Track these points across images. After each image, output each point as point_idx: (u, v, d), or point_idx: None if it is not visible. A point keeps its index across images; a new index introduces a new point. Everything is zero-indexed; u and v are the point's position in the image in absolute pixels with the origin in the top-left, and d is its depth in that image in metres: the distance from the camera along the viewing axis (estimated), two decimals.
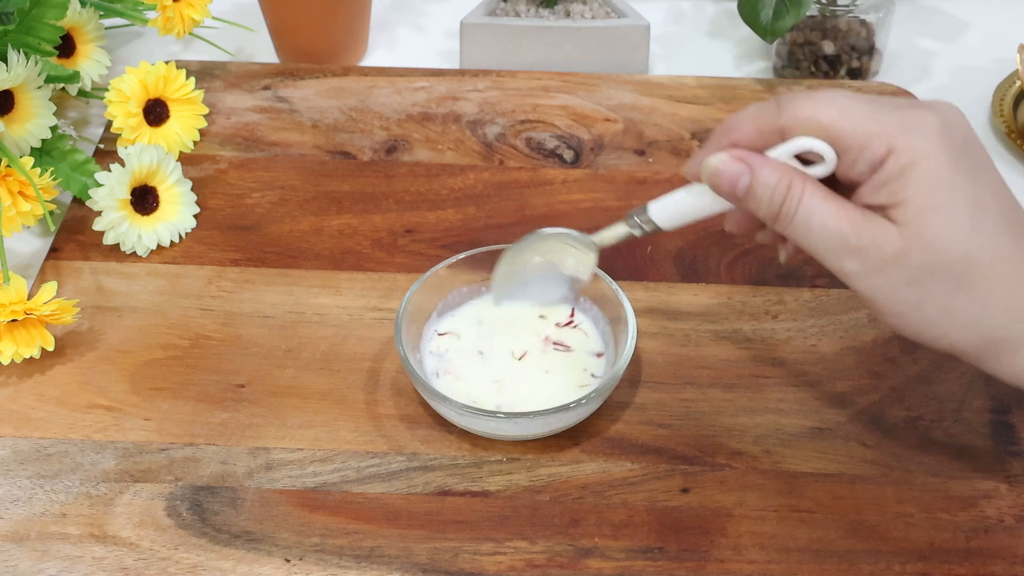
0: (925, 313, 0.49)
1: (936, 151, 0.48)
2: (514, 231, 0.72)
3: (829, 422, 0.61)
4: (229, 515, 0.57)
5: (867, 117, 0.49)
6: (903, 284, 0.48)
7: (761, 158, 0.51)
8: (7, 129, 0.69)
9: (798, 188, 0.49)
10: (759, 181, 0.50)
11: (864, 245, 0.48)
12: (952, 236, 0.47)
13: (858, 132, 0.48)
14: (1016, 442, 0.60)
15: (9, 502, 0.58)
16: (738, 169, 0.51)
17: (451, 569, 0.55)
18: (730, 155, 0.51)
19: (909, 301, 0.49)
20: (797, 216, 0.49)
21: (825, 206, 0.49)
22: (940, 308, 0.48)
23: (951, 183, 0.47)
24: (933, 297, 0.48)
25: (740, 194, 0.51)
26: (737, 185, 0.51)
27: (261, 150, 0.78)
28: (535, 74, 0.83)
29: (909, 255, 0.48)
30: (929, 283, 0.48)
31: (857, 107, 0.49)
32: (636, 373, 0.64)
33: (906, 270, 0.48)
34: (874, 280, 0.49)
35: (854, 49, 0.84)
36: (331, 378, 0.64)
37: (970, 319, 0.49)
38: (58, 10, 0.71)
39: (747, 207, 0.51)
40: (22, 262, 0.72)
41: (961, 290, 0.48)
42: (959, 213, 0.48)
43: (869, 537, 0.56)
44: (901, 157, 0.48)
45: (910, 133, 0.48)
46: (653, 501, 0.58)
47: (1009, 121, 0.81)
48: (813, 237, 0.49)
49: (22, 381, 0.64)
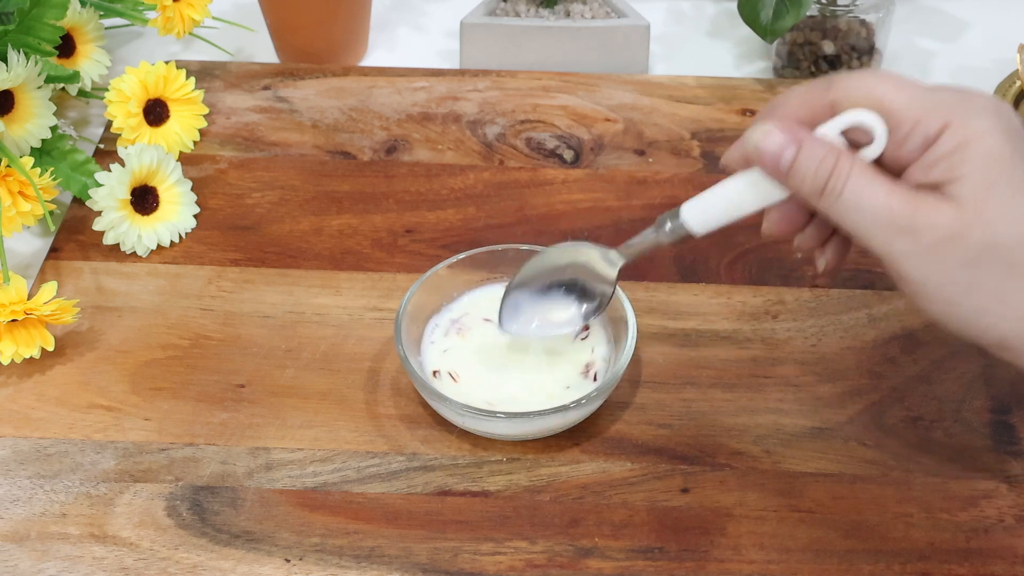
0: (978, 299, 0.46)
1: (994, 129, 0.45)
2: (514, 231, 0.72)
3: (829, 422, 0.61)
4: (229, 515, 0.57)
5: (922, 92, 0.47)
6: (958, 266, 0.46)
7: (808, 132, 0.48)
8: (7, 129, 0.69)
9: (846, 163, 0.47)
10: (805, 154, 0.47)
11: (918, 223, 0.45)
12: (1014, 216, 0.45)
13: (913, 105, 0.46)
14: (1016, 442, 0.60)
15: (9, 502, 0.58)
16: (784, 139, 0.48)
17: (451, 569, 0.55)
18: (776, 125, 0.48)
19: (963, 285, 0.46)
20: (845, 192, 0.47)
21: (875, 182, 0.46)
22: (994, 293, 0.46)
23: (1011, 162, 0.45)
24: (988, 281, 0.46)
25: (784, 168, 0.48)
26: (782, 158, 0.48)
27: (261, 150, 0.78)
28: (535, 74, 0.83)
29: (967, 233, 0.45)
30: (986, 265, 0.45)
31: (911, 83, 0.47)
32: (636, 373, 0.64)
33: (963, 250, 0.45)
34: (927, 262, 0.46)
35: (854, 49, 0.84)
36: (331, 378, 0.64)
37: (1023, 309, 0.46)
38: (58, 10, 0.71)
39: (791, 184, 0.48)
40: (22, 262, 0.72)
41: (1016, 278, 0.46)
42: (1019, 194, 0.45)
43: (869, 537, 0.56)
44: (958, 132, 0.45)
45: (967, 109, 0.46)
46: (653, 501, 0.58)
47: None
48: (861, 215, 0.47)
49: (22, 381, 0.64)
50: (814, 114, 0.49)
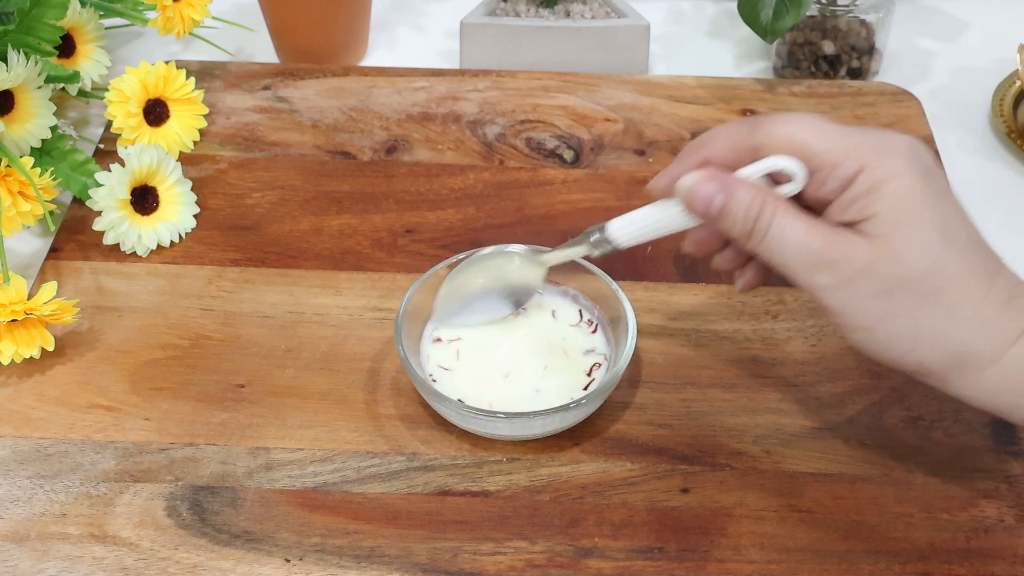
0: (893, 327, 0.49)
1: (906, 170, 0.49)
2: (514, 231, 0.72)
3: (829, 422, 0.61)
4: (229, 515, 0.57)
5: (839, 137, 0.50)
6: (872, 296, 0.49)
7: (734, 178, 0.52)
8: (7, 129, 0.69)
9: (771, 206, 0.50)
10: (734, 200, 0.51)
11: (835, 258, 0.49)
12: (922, 248, 0.48)
13: (831, 151, 0.50)
14: (1016, 442, 0.60)
15: (9, 502, 0.58)
16: (713, 188, 0.51)
17: (451, 569, 0.55)
18: (705, 174, 0.52)
19: (877, 314, 0.49)
20: (770, 233, 0.50)
21: (797, 223, 0.50)
22: (907, 321, 0.49)
23: (921, 201, 0.48)
24: (901, 310, 0.49)
25: (714, 213, 0.52)
26: (712, 204, 0.51)
27: (261, 150, 0.78)
28: (535, 74, 0.83)
29: (879, 266, 0.48)
30: (898, 295, 0.49)
31: (830, 128, 0.50)
32: (636, 373, 0.64)
33: (875, 281, 0.49)
34: (843, 293, 0.49)
35: (854, 49, 0.84)
36: (331, 378, 0.64)
37: (937, 333, 0.49)
38: (58, 10, 0.71)
39: (719, 226, 0.52)
40: (22, 262, 0.72)
41: (929, 304, 0.49)
42: (929, 228, 0.48)
43: (869, 537, 0.56)
44: (872, 174, 0.49)
45: (881, 153, 0.49)
46: (653, 501, 0.58)
47: (1009, 121, 0.81)
48: (785, 252, 0.50)
49: (22, 381, 0.64)
50: (737, 156, 0.52)
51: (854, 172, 0.49)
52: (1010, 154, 0.80)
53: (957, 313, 0.49)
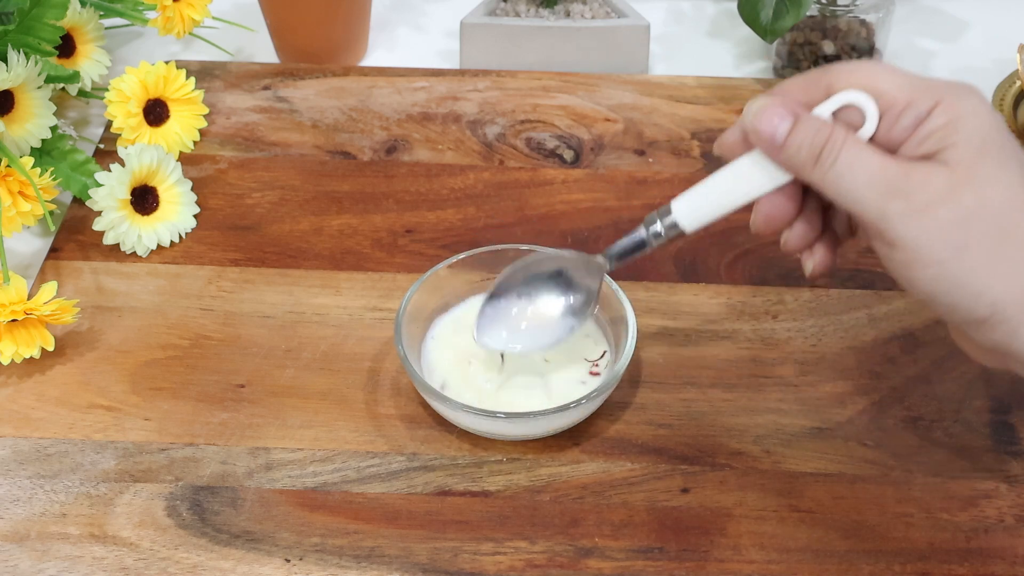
0: (968, 260, 0.46)
1: (985, 111, 0.47)
2: (514, 231, 0.72)
3: (829, 422, 0.61)
4: (229, 515, 0.57)
5: (913, 78, 0.49)
6: (949, 224, 0.46)
7: (804, 110, 0.50)
8: (7, 129, 0.69)
9: (840, 135, 0.48)
10: (801, 126, 0.49)
11: (911, 185, 0.47)
12: (1005, 181, 0.46)
13: (905, 88, 0.48)
14: (1016, 442, 0.60)
15: (9, 502, 0.58)
16: (780, 113, 0.49)
17: (451, 569, 0.55)
18: (773, 99, 0.50)
19: (953, 244, 0.46)
20: (839, 160, 0.48)
21: (868, 151, 0.48)
22: (985, 254, 0.46)
23: (1001, 140, 0.47)
24: (979, 241, 0.46)
25: (780, 139, 0.49)
26: (778, 130, 0.49)
27: (261, 150, 0.78)
28: (535, 74, 0.83)
29: (959, 192, 0.46)
30: (977, 226, 0.46)
31: (902, 71, 0.49)
32: (636, 373, 0.64)
33: (954, 209, 0.46)
34: (919, 221, 0.47)
35: (854, 49, 0.84)
36: (331, 378, 0.64)
37: (1017, 269, 0.46)
38: (58, 10, 0.71)
39: (785, 156, 0.49)
40: (22, 262, 0.72)
41: (1008, 238, 0.46)
42: (1011, 163, 0.47)
43: (869, 537, 0.56)
44: (949, 109, 0.47)
45: (957, 91, 0.48)
46: (653, 501, 0.58)
47: (1009, 121, 0.81)
48: (854, 181, 0.47)
49: (22, 381, 0.64)
50: (810, 98, 0.50)
51: (930, 107, 0.47)
52: None
53: None
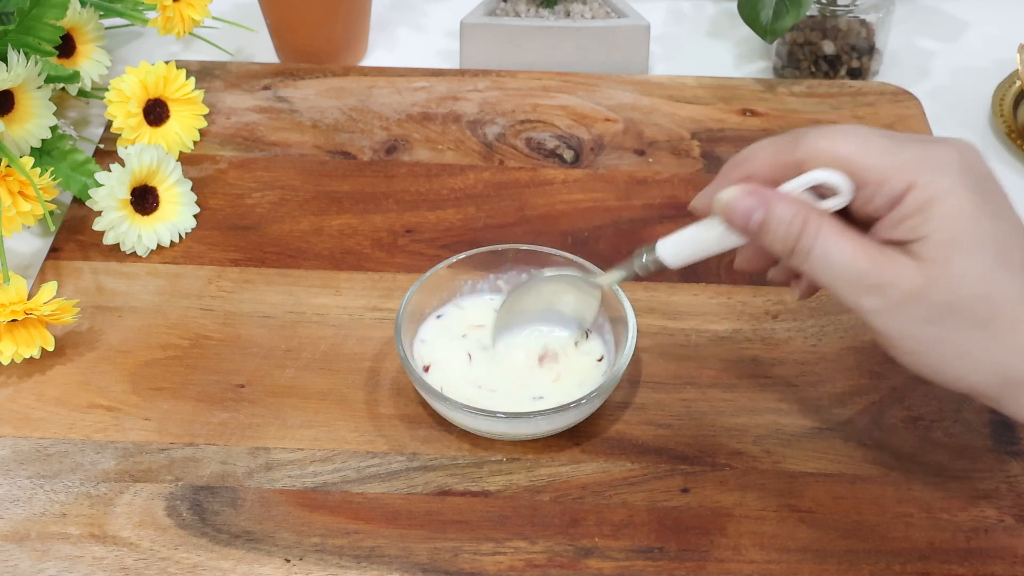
0: (943, 352, 0.47)
1: (959, 186, 0.46)
2: (514, 231, 0.72)
3: (829, 422, 0.61)
4: (229, 515, 0.57)
5: (887, 150, 0.48)
6: (922, 322, 0.47)
7: (775, 192, 0.49)
8: (7, 129, 0.69)
9: (814, 223, 0.48)
10: (774, 216, 0.49)
11: (883, 281, 0.47)
12: (976, 273, 0.46)
13: (878, 165, 0.47)
14: (1016, 442, 0.60)
15: (9, 502, 0.58)
16: (752, 203, 0.49)
17: (451, 569, 0.55)
18: (743, 189, 0.50)
19: (928, 340, 0.47)
20: (814, 252, 0.48)
21: (842, 241, 0.48)
22: (959, 348, 0.47)
23: (975, 220, 0.46)
24: (953, 336, 0.47)
25: (754, 229, 0.50)
26: (751, 220, 0.49)
27: (261, 150, 0.78)
28: (535, 74, 0.83)
29: (930, 291, 0.46)
30: (949, 321, 0.47)
31: (877, 140, 0.48)
32: (636, 373, 0.64)
33: (926, 307, 0.47)
34: (892, 317, 0.47)
35: (854, 49, 0.84)
36: (331, 378, 0.64)
37: (991, 360, 0.47)
38: (58, 10, 0.71)
39: (761, 243, 0.50)
40: (22, 262, 0.72)
41: (982, 329, 0.47)
42: (983, 252, 0.46)
43: (869, 537, 0.56)
44: (923, 192, 0.46)
45: (932, 168, 0.47)
46: (653, 501, 0.58)
47: (1009, 121, 0.81)
48: (830, 273, 0.48)
49: (22, 381, 0.64)
50: (780, 172, 0.50)
51: (903, 189, 0.47)
52: (1010, 154, 0.80)
53: (1011, 339, 0.47)
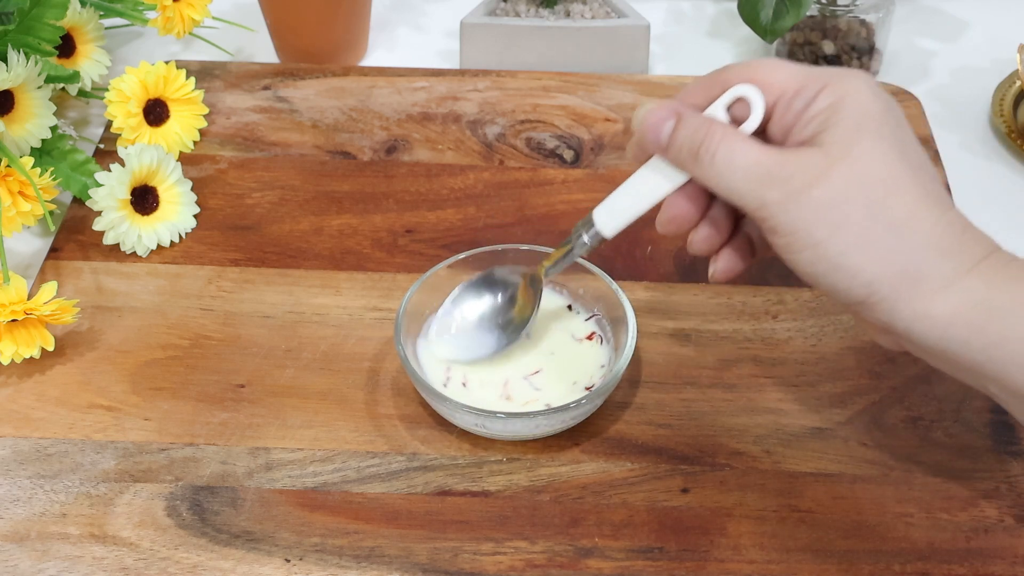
0: (843, 239, 0.47)
1: (868, 91, 0.49)
2: (514, 231, 0.72)
3: (829, 422, 0.61)
4: (229, 515, 0.57)
5: (806, 68, 0.51)
6: (823, 205, 0.47)
7: (687, 109, 0.52)
8: (7, 129, 0.69)
9: (719, 130, 0.50)
10: (683, 125, 0.51)
11: (787, 170, 0.48)
12: (880, 157, 0.48)
13: (796, 77, 0.50)
14: (1016, 442, 0.60)
15: (9, 502, 0.58)
16: (663, 114, 0.52)
17: (451, 569, 0.55)
18: (656, 103, 0.52)
19: (828, 224, 0.47)
20: (718, 154, 0.50)
21: (747, 144, 0.49)
22: (859, 234, 0.47)
23: (880, 117, 0.48)
24: (853, 220, 0.47)
25: (664, 140, 0.52)
26: (662, 131, 0.51)
27: (261, 150, 0.78)
28: (535, 74, 0.83)
29: (832, 172, 0.47)
30: (850, 205, 0.47)
31: (796, 64, 0.51)
32: (636, 373, 0.64)
33: (828, 188, 0.47)
34: (794, 206, 0.48)
35: (854, 49, 0.84)
36: (331, 378, 0.64)
37: (889, 248, 0.47)
38: (58, 10, 0.71)
39: (670, 155, 0.52)
40: (22, 262, 0.72)
41: (882, 216, 0.47)
42: (888, 141, 0.48)
43: (869, 537, 0.56)
44: (835, 90, 0.49)
45: (843, 76, 0.49)
46: (653, 501, 0.58)
47: (1009, 121, 0.81)
48: (733, 174, 0.49)
49: (22, 381, 0.64)
50: (709, 98, 0.53)
51: (816, 91, 0.49)
52: (1010, 154, 0.80)
53: (911, 229, 0.47)
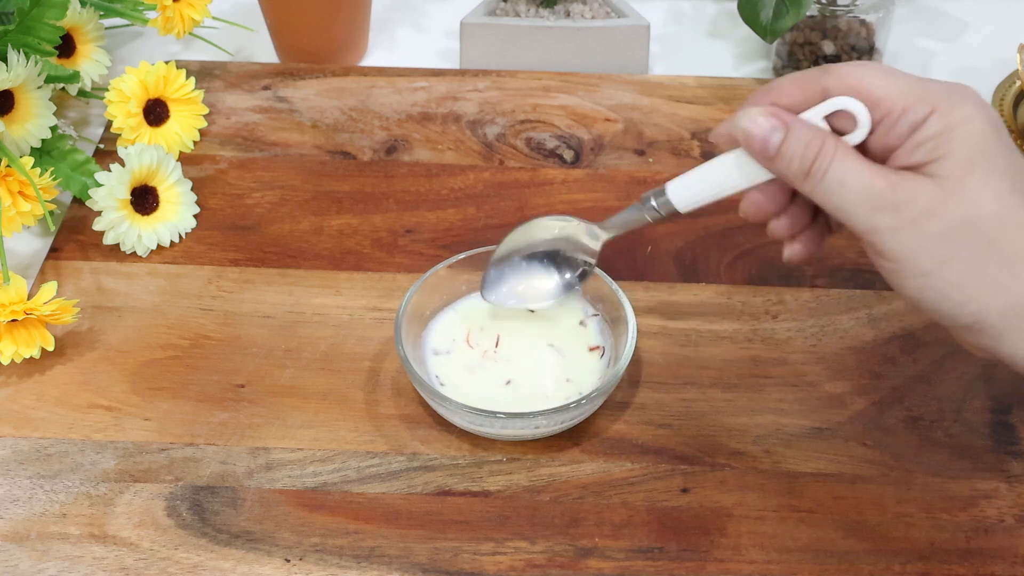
0: (953, 273, 0.47)
1: (979, 116, 0.48)
2: None
3: (829, 422, 0.61)
4: (229, 515, 0.57)
5: (910, 82, 0.49)
6: (934, 238, 0.47)
7: (796, 117, 0.50)
8: (7, 129, 0.69)
9: (831, 146, 0.49)
10: (793, 138, 0.49)
11: (899, 199, 0.47)
12: (992, 192, 0.47)
13: (902, 94, 0.48)
14: (1016, 442, 0.60)
15: (9, 502, 0.58)
16: (772, 124, 0.50)
17: (451, 569, 0.55)
18: (763, 110, 0.50)
19: (938, 258, 0.47)
20: (830, 172, 0.48)
21: (859, 164, 0.48)
22: (969, 268, 0.47)
23: (992, 146, 0.47)
24: (964, 254, 0.47)
25: (772, 152, 0.50)
26: (770, 142, 0.50)
27: (261, 150, 0.78)
28: (535, 74, 0.83)
29: (946, 207, 0.47)
30: (963, 239, 0.47)
31: (900, 74, 0.49)
32: (636, 373, 0.64)
33: (940, 222, 0.47)
34: (905, 235, 0.47)
35: (854, 49, 0.84)
36: (331, 378, 0.64)
37: (999, 283, 0.47)
38: (58, 10, 0.71)
39: (776, 166, 0.50)
40: (22, 262, 0.72)
41: (993, 251, 0.47)
42: (1001, 174, 0.47)
43: (869, 537, 0.56)
44: (945, 116, 0.47)
45: (953, 96, 0.48)
46: (653, 501, 0.58)
47: (1009, 121, 0.81)
48: (844, 194, 0.48)
49: (22, 381, 0.64)
50: (806, 100, 0.51)
51: (925, 114, 0.48)
52: None
53: (1020, 264, 0.47)
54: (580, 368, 0.62)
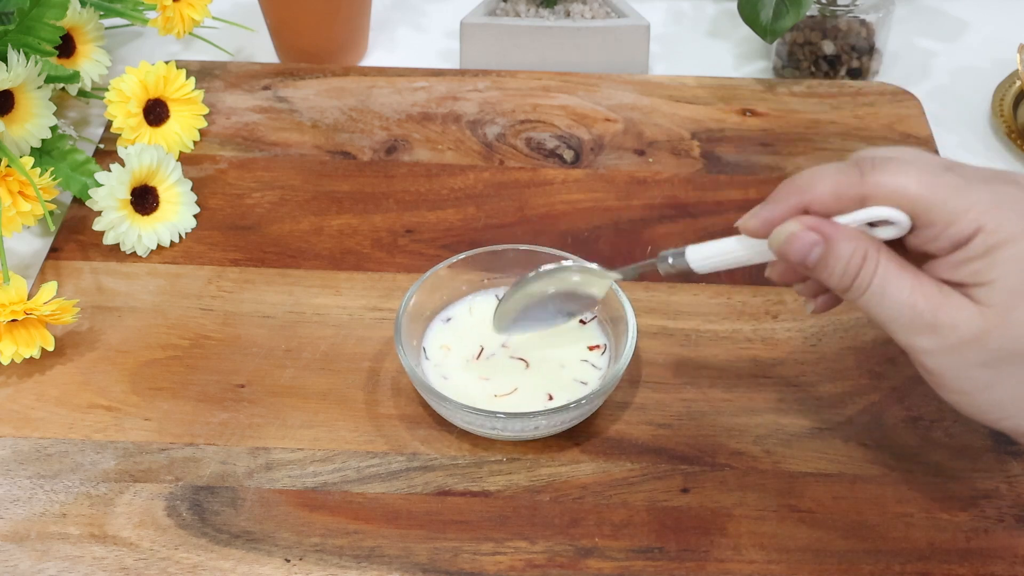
0: (995, 395, 0.47)
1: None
2: (514, 231, 0.72)
3: (829, 422, 0.61)
4: (229, 515, 0.57)
5: (955, 191, 0.46)
6: (977, 365, 0.47)
7: (836, 228, 0.48)
8: (7, 129, 0.69)
9: (873, 260, 0.48)
10: (834, 253, 0.48)
11: (940, 322, 0.46)
12: None
13: (947, 207, 0.46)
14: (1016, 442, 0.60)
15: (9, 502, 0.58)
16: (812, 239, 0.48)
17: (451, 569, 0.55)
18: (803, 224, 0.49)
19: (980, 382, 0.47)
20: (871, 289, 0.48)
21: (900, 279, 0.47)
22: (1012, 392, 0.47)
23: None
24: (1007, 381, 0.47)
25: (811, 264, 0.49)
26: (810, 256, 0.49)
27: (261, 150, 0.78)
28: (535, 74, 0.83)
29: (989, 337, 0.46)
30: (1007, 368, 0.46)
31: (945, 178, 0.47)
32: (636, 373, 0.64)
33: (983, 352, 0.46)
34: (946, 359, 0.47)
35: (854, 49, 0.84)
36: (331, 378, 0.64)
37: None
38: (58, 10, 0.71)
39: (817, 276, 0.49)
40: (22, 262, 0.72)
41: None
42: None
43: (869, 537, 0.56)
44: (990, 237, 0.46)
45: (1000, 211, 0.46)
46: (653, 501, 0.58)
47: (1009, 121, 0.81)
48: (886, 310, 0.48)
49: (22, 381, 0.64)
50: (841, 204, 0.49)
51: (970, 233, 0.46)
52: (1010, 154, 0.80)
53: None
54: (580, 368, 0.62)
